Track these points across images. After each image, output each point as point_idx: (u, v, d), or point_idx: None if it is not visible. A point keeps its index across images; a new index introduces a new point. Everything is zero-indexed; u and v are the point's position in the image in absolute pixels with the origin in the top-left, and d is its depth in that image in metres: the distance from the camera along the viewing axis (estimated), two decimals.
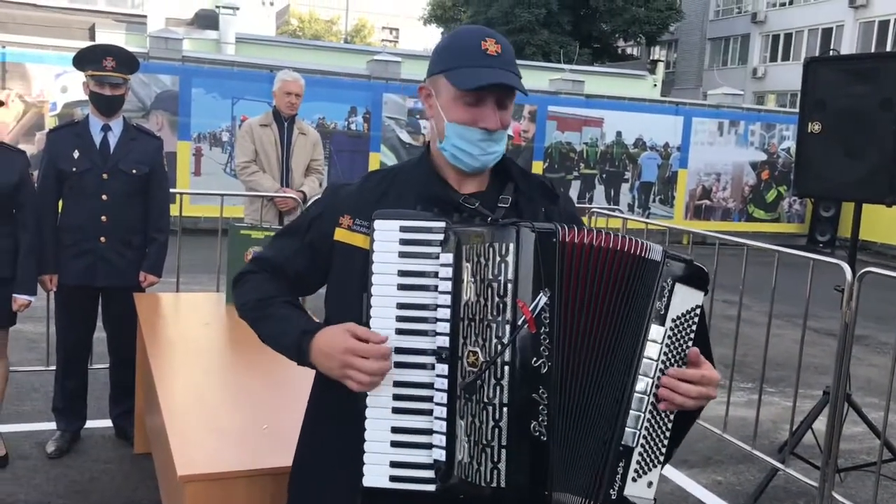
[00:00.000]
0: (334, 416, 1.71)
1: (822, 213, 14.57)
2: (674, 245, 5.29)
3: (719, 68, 35.87)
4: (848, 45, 29.12)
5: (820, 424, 4.26)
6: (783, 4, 34.09)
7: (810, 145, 4.22)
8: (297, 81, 5.47)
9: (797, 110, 4.10)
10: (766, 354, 4.50)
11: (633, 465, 1.52)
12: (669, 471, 4.39)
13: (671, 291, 1.53)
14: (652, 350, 1.52)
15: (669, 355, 1.54)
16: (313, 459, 1.79)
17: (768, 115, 15.61)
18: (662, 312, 1.52)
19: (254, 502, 2.14)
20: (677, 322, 1.54)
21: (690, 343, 1.57)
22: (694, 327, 1.56)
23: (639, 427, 1.52)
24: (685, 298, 1.55)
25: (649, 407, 1.53)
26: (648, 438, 1.53)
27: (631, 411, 1.52)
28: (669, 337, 1.54)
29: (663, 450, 1.56)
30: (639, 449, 1.52)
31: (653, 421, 1.54)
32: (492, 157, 1.67)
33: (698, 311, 1.57)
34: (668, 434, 1.56)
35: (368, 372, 1.52)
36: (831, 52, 5.04)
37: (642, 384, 1.52)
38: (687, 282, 1.55)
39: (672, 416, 1.56)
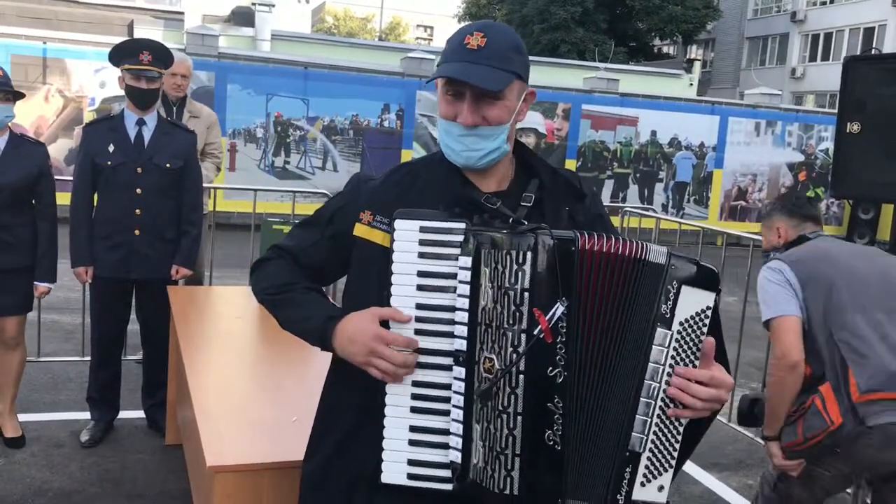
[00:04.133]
0: (344, 407, 1.71)
1: (860, 216, 14.27)
2: (708, 246, 5.21)
3: (757, 68, 35.38)
4: (891, 44, 28.53)
5: None
6: (823, 3, 33.51)
7: (849, 146, 4.16)
8: (182, 62, 5.12)
9: (835, 111, 4.04)
10: None
11: (642, 470, 1.50)
12: (700, 473, 4.34)
13: (677, 294, 1.49)
14: (658, 354, 1.49)
15: (678, 359, 1.50)
16: (319, 448, 1.77)
17: (806, 115, 15.38)
18: (668, 316, 1.48)
19: (282, 495, 2.15)
20: (685, 325, 1.50)
21: (701, 346, 1.52)
22: (704, 329, 1.52)
23: (646, 432, 1.49)
24: (693, 300, 1.50)
25: (657, 411, 1.50)
26: (657, 443, 1.51)
27: (637, 416, 1.49)
28: (677, 340, 1.50)
29: (674, 454, 1.53)
30: (647, 454, 1.50)
31: (661, 425, 1.51)
32: (477, 153, 1.62)
33: (709, 312, 1.52)
34: (678, 438, 1.53)
35: (393, 361, 1.51)
36: (872, 51, 4.94)
37: (648, 388, 1.49)
38: (694, 283, 1.50)
39: (683, 420, 1.52)
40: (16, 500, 3.51)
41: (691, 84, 21.91)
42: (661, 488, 1.52)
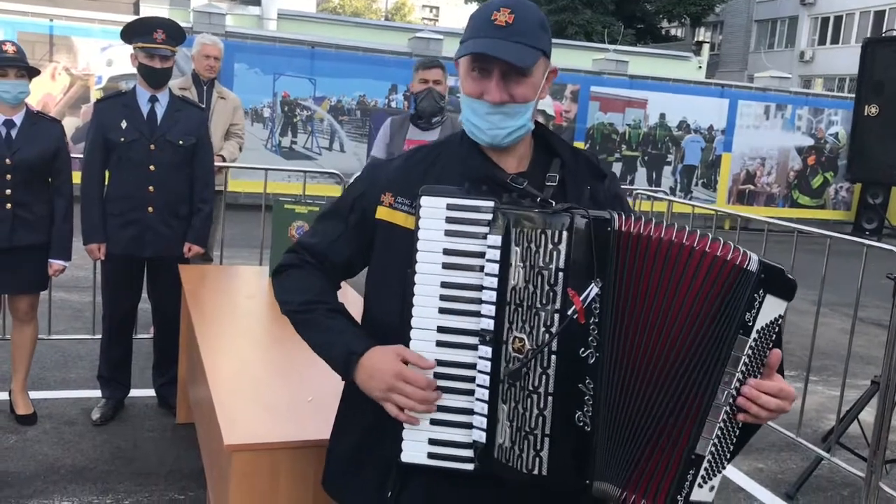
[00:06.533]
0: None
1: (869, 200, 14.24)
2: (717, 230, 5.16)
3: (765, 51, 35.13)
4: None
5: (865, 415, 4.18)
6: None
7: (866, 128, 4.12)
8: (215, 45, 5.40)
9: (846, 94, 4.00)
10: (814, 343, 4.42)
11: (701, 472, 1.49)
12: None
13: (762, 303, 1.46)
14: (735, 361, 1.46)
15: (750, 366, 1.48)
16: (348, 431, 1.77)
17: (816, 99, 15.25)
18: (750, 324, 1.45)
19: (298, 473, 2.15)
20: (762, 332, 1.47)
21: (769, 353, 1.50)
22: (774, 337, 1.50)
23: (713, 436, 1.48)
24: (772, 308, 1.47)
25: (723, 416, 1.48)
26: (718, 446, 1.50)
27: (707, 421, 1.47)
28: (752, 347, 1.47)
29: (728, 456, 1.53)
30: (708, 457, 1.49)
31: (725, 430, 1.50)
32: (504, 132, 1.59)
33: (780, 320, 1.50)
34: (734, 441, 1.52)
35: (414, 399, 1.51)
36: (885, 33, 4.89)
37: (722, 395, 1.47)
38: (777, 293, 1.47)
39: (740, 424, 1.51)
40: (28, 476, 3.52)
41: (700, 67, 21.76)
42: (712, 488, 1.52)
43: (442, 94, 4.19)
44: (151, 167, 3.90)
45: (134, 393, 4.34)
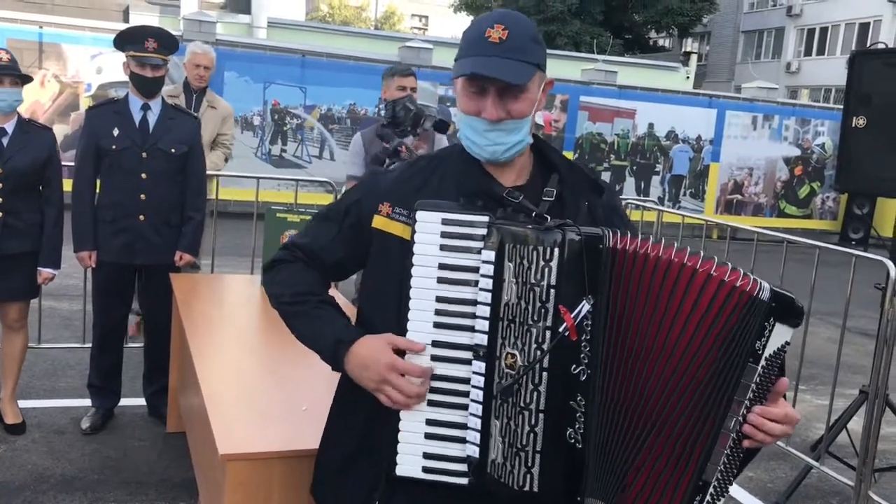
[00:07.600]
0: (363, 399, 1.68)
1: (855, 211, 14.35)
2: (705, 240, 5.15)
3: (752, 62, 35.37)
4: (886, 39, 28.44)
5: (854, 424, 4.21)
6: None
7: (854, 140, 4.16)
8: (206, 54, 5.42)
9: (832, 105, 4.05)
10: (803, 352, 4.44)
11: (707, 498, 1.50)
12: None
13: (771, 331, 1.46)
14: (744, 389, 1.47)
15: (757, 392, 1.49)
16: (339, 440, 1.77)
17: (803, 109, 15.35)
18: (760, 352, 1.46)
19: (293, 483, 2.14)
20: (769, 360, 1.48)
21: (775, 379, 1.51)
22: (779, 363, 1.50)
23: (720, 463, 1.49)
24: (780, 336, 1.47)
25: (730, 443, 1.49)
26: (723, 471, 1.51)
27: (716, 448, 1.48)
28: (760, 375, 1.48)
29: (732, 480, 1.53)
30: (714, 482, 1.50)
31: (730, 455, 1.50)
32: (501, 147, 1.60)
33: (786, 347, 1.50)
34: (738, 465, 1.53)
35: (406, 392, 1.51)
36: (871, 45, 4.94)
37: (730, 422, 1.47)
38: (786, 321, 1.47)
39: (745, 448, 1.52)
40: (18, 486, 3.50)
41: (688, 77, 21.88)
42: None
43: (415, 100, 4.23)
44: (143, 175, 3.89)
45: (124, 402, 4.31)
